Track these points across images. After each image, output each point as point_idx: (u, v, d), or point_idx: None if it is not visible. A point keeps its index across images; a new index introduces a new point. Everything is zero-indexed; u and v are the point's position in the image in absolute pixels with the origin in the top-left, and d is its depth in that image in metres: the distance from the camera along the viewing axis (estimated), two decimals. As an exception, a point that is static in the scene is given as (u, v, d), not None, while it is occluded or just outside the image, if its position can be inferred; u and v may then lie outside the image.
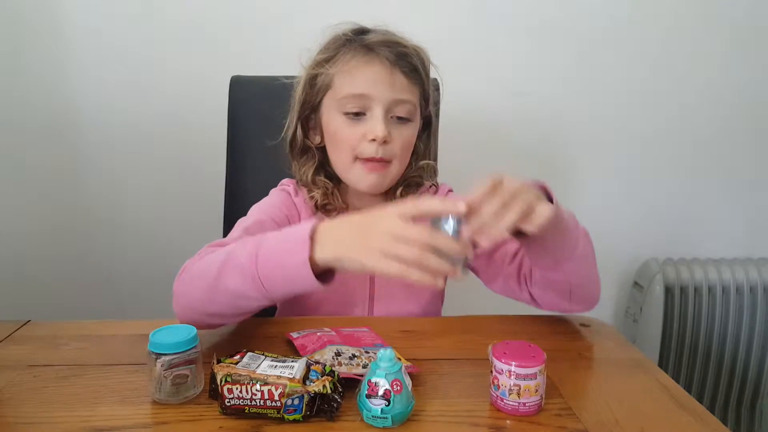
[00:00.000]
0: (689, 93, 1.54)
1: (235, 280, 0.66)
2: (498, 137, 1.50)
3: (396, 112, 0.85)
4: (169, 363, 0.60)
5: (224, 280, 0.66)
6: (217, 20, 1.40)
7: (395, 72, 0.84)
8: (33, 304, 1.40)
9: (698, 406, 0.63)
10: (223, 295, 0.67)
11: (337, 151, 0.88)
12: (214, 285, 0.67)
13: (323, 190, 0.90)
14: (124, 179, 1.48)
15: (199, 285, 0.69)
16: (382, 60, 0.84)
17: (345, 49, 0.86)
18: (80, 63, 1.40)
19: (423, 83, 0.88)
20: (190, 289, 0.70)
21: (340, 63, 0.85)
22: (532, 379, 0.59)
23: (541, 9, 1.45)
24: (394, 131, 0.85)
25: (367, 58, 0.84)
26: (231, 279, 0.66)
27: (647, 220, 1.62)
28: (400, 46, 0.85)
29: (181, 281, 0.72)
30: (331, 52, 0.87)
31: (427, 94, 0.91)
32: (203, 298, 0.69)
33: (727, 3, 1.49)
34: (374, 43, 0.85)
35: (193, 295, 0.70)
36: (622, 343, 0.80)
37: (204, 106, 1.39)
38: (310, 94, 0.89)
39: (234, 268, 0.66)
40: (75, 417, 0.59)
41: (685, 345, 1.56)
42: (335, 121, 0.87)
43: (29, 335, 0.79)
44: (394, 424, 0.57)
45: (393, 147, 0.86)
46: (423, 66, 0.88)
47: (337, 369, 0.62)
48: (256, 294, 0.65)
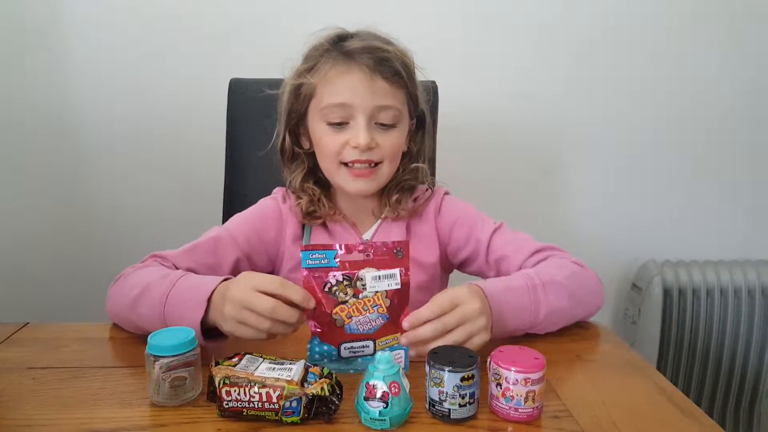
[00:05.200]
0: (689, 94, 1.55)
1: (146, 311, 0.74)
2: (498, 138, 1.51)
3: (380, 119, 0.86)
4: (167, 365, 0.61)
5: (138, 308, 0.75)
6: (216, 22, 1.40)
7: (375, 78, 0.84)
8: (32, 306, 1.40)
9: (696, 409, 0.63)
10: (137, 318, 0.76)
11: (323, 158, 0.90)
12: (131, 306, 0.76)
13: (309, 198, 0.91)
14: (123, 181, 1.48)
15: (122, 300, 0.78)
16: (361, 67, 0.84)
17: (325, 58, 0.86)
18: (80, 65, 1.41)
19: (407, 86, 0.88)
20: (115, 300, 0.79)
21: (320, 72, 0.86)
22: (540, 383, 0.59)
23: (541, 10, 1.46)
24: (380, 137, 0.86)
25: (346, 66, 0.84)
26: (144, 308, 0.75)
27: (646, 221, 1.62)
28: (381, 51, 0.85)
29: (114, 289, 0.80)
30: (312, 61, 0.88)
31: (414, 96, 0.90)
32: (122, 313, 0.78)
33: (727, 3, 1.50)
34: (354, 50, 0.85)
35: (117, 306, 0.79)
36: (620, 346, 0.80)
37: (203, 108, 1.39)
38: (295, 103, 0.90)
39: (148, 300, 0.74)
40: (74, 419, 0.59)
41: (683, 347, 1.57)
42: (319, 129, 0.87)
43: (28, 337, 0.80)
44: (392, 426, 0.58)
45: (380, 151, 0.86)
46: (406, 69, 0.88)
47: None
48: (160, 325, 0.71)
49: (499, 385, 0.60)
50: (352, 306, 0.67)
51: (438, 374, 0.59)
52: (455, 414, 0.59)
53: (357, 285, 0.66)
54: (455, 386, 0.58)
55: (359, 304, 0.67)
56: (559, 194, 1.54)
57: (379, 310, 0.67)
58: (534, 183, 1.54)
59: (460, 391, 0.58)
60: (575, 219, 1.54)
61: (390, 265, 0.67)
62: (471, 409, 0.60)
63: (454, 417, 0.59)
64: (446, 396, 0.58)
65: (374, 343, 0.68)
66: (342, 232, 0.92)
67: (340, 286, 0.66)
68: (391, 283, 0.66)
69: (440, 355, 0.61)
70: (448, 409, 0.59)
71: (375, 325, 0.67)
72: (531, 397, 0.59)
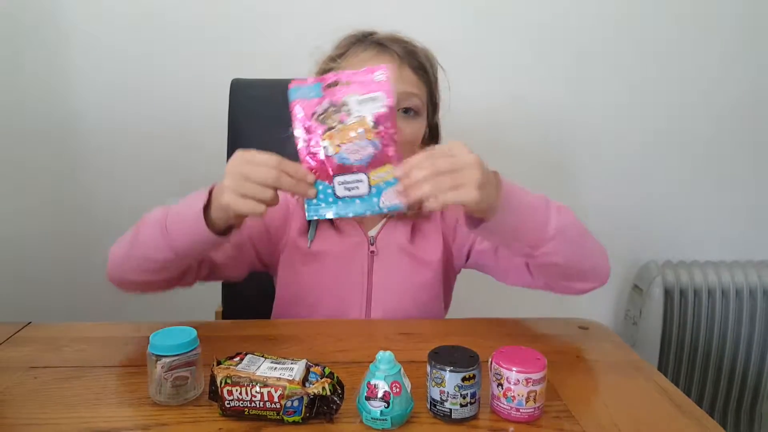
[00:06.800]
0: (689, 94, 1.55)
1: (147, 231, 0.77)
2: (498, 138, 1.50)
3: (403, 104, 0.87)
4: (169, 365, 0.61)
5: (141, 232, 0.77)
6: (217, 23, 1.40)
7: (404, 67, 0.86)
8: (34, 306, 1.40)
9: (697, 410, 0.63)
10: (139, 248, 0.78)
11: None
12: (134, 237, 0.78)
13: None
14: (124, 182, 1.48)
15: (121, 243, 0.80)
16: (392, 54, 0.86)
17: (356, 45, 0.89)
18: (81, 66, 1.41)
19: (431, 84, 0.90)
20: (115, 250, 0.81)
21: (350, 57, 0.88)
22: (541, 383, 0.60)
23: (541, 10, 1.46)
24: (401, 123, 0.86)
25: (377, 51, 0.87)
26: (145, 230, 0.77)
27: (647, 222, 1.62)
28: (410, 44, 0.89)
29: (113, 246, 0.82)
30: (343, 48, 0.90)
31: (434, 98, 0.92)
32: (123, 254, 0.80)
33: (727, 3, 1.50)
34: (384, 39, 0.88)
35: (118, 252, 0.81)
36: (621, 346, 0.80)
37: (204, 108, 1.39)
38: None
39: (150, 221, 0.77)
40: (75, 418, 0.60)
41: (684, 348, 1.56)
42: None
43: (30, 337, 0.80)
44: (394, 426, 0.58)
45: (400, 136, 0.86)
46: (431, 67, 0.90)
47: None
48: (162, 243, 0.74)
49: (501, 385, 0.60)
50: (340, 132, 0.67)
51: (439, 374, 0.59)
52: (456, 414, 0.59)
53: (342, 110, 0.67)
54: (456, 386, 0.58)
55: (347, 129, 0.67)
56: (559, 195, 1.52)
57: (367, 136, 0.67)
58: (534, 183, 1.50)
59: (461, 391, 0.58)
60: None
61: (373, 89, 0.67)
62: (472, 409, 0.60)
63: (455, 417, 0.59)
64: (447, 396, 0.59)
65: (368, 178, 0.68)
66: (348, 229, 0.92)
67: (326, 113, 0.67)
68: (377, 106, 0.66)
69: (441, 355, 0.61)
70: (450, 409, 0.59)
71: (365, 154, 0.67)
72: (532, 398, 0.59)
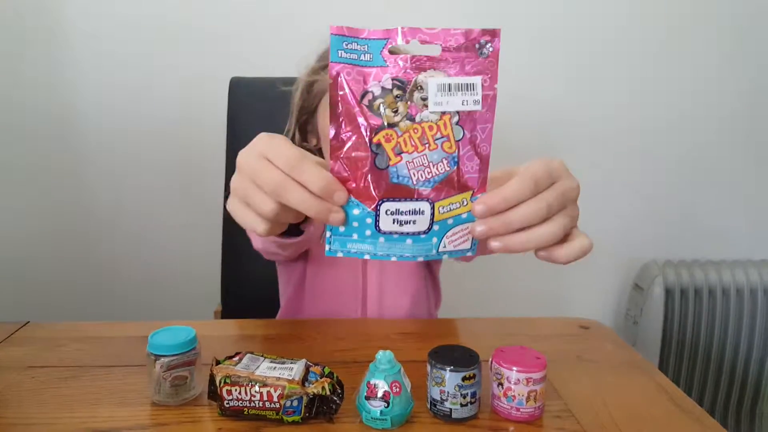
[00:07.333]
0: (690, 94, 1.54)
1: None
2: (498, 138, 1.50)
3: None
4: (168, 364, 0.60)
5: None
6: (216, 22, 1.40)
7: None
8: (32, 306, 1.41)
9: (698, 409, 0.63)
10: None
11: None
12: None
13: None
14: (123, 181, 1.48)
15: None
16: None
17: None
18: (80, 65, 1.41)
19: None
20: None
21: None
22: (542, 383, 0.59)
23: (541, 10, 1.46)
24: None
25: None
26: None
27: (647, 221, 1.62)
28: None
29: None
30: (327, 60, 0.88)
31: None
32: None
33: (727, 3, 1.49)
34: None
35: None
36: (621, 345, 0.80)
37: (204, 107, 1.39)
38: (307, 99, 0.90)
39: None
40: (74, 418, 0.59)
41: (685, 347, 1.56)
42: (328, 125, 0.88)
43: (28, 336, 0.79)
44: (394, 425, 0.57)
45: None
46: None
47: None
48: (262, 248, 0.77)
49: (501, 384, 0.60)
50: (405, 133, 0.42)
51: (439, 374, 0.58)
52: (456, 414, 0.59)
53: (414, 98, 0.42)
54: (457, 386, 0.58)
55: (416, 131, 0.42)
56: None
57: (445, 145, 0.42)
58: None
59: (461, 390, 0.58)
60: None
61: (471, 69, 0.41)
62: (472, 408, 0.59)
63: (455, 417, 0.59)
64: (447, 395, 0.58)
65: (432, 209, 0.43)
66: None
67: (387, 98, 0.42)
68: (468, 101, 0.42)
69: (441, 354, 0.60)
70: (450, 408, 0.59)
71: (438, 174, 0.42)
72: (533, 397, 0.59)
